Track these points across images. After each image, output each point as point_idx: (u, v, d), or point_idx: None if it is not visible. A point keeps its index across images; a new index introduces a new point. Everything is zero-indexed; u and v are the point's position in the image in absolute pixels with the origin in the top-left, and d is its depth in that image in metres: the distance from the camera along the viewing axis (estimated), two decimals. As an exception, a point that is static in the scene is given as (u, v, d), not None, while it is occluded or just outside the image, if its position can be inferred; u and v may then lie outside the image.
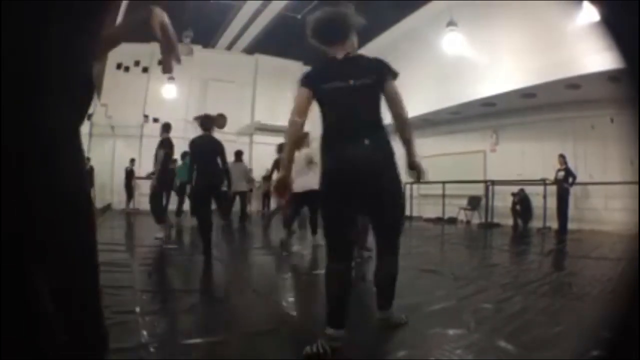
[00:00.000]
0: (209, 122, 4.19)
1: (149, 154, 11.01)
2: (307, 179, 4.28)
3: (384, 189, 1.70)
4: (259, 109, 12.87)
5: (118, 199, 10.51)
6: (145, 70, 11.69)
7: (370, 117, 1.71)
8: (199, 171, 4.00)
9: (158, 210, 5.32)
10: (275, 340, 1.87)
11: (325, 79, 1.74)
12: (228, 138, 12.22)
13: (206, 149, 4.04)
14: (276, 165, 6.43)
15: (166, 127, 5.40)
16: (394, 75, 1.76)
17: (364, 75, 1.71)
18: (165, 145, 5.15)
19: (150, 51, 11.31)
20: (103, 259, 1.07)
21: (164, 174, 5.28)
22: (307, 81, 1.77)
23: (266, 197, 11.73)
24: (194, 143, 4.10)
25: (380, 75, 1.73)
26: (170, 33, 1.01)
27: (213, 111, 13.16)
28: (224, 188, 4.29)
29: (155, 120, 11.86)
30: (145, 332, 1.81)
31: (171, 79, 11.15)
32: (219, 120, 4.28)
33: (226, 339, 1.80)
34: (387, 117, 1.77)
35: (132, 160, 10.81)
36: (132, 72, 11.12)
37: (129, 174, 10.69)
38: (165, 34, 1.00)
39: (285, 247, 4.50)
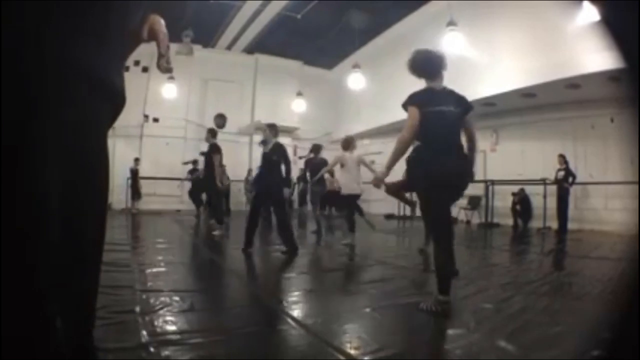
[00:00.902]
0: (275, 129, 4.65)
1: (148, 155, 11.08)
2: (357, 183, 5.11)
3: (465, 181, 2.40)
4: (259, 109, 12.87)
5: (118, 199, 10.49)
6: (145, 70, 11.68)
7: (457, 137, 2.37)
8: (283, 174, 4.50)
9: (221, 211, 6.15)
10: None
11: (430, 103, 2.30)
12: (228, 138, 12.27)
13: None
14: (308, 165, 6.77)
15: (213, 132, 6.18)
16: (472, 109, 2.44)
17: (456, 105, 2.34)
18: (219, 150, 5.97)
19: (151, 51, 11.23)
20: (104, 259, 1.07)
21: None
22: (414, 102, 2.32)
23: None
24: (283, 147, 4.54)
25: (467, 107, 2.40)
26: (159, 39, 1.03)
27: (213, 111, 13.16)
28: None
29: (156, 120, 11.86)
30: (145, 332, 1.81)
31: (171, 78, 11.14)
32: (273, 128, 4.68)
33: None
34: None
35: (137, 160, 10.71)
36: (132, 72, 11.10)
37: (135, 174, 10.56)
38: (154, 38, 1.02)
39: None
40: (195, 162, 10.06)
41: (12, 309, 0.68)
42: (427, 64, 2.41)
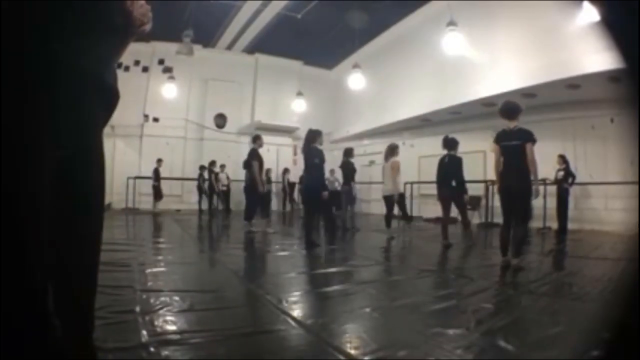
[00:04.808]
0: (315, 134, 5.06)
1: (149, 155, 11.06)
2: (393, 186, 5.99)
3: (524, 192, 3.56)
4: (259, 109, 12.87)
5: (118, 199, 10.48)
6: (145, 69, 11.68)
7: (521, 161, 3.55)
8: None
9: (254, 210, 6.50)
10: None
11: (503, 139, 3.70)
12: (229, 138, 12.27)
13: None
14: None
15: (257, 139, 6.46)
16: (534, 141, 3.55)
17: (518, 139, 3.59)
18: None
19: (151, 51, 11.30)
20: (104, 259, 1.07)
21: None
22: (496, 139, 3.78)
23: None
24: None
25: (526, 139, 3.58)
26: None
27: (214, 111, 13.12)
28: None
29: (156, 119, 11.85)
30: (145, 332, 1.81)
31: (171, 78, 11.13)
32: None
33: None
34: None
35: (160, 161, 10.63)
36: (132, 72, 11.11)
37: (157, 174, 10.51)
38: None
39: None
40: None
41: (12, 309, 0.68)
42: (507, 112, 3.81)
